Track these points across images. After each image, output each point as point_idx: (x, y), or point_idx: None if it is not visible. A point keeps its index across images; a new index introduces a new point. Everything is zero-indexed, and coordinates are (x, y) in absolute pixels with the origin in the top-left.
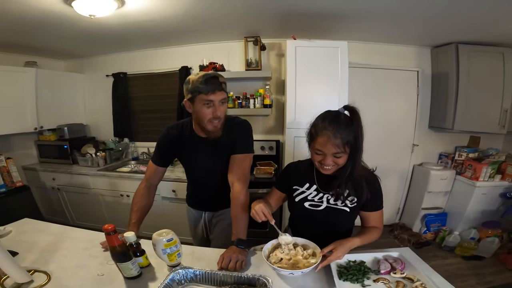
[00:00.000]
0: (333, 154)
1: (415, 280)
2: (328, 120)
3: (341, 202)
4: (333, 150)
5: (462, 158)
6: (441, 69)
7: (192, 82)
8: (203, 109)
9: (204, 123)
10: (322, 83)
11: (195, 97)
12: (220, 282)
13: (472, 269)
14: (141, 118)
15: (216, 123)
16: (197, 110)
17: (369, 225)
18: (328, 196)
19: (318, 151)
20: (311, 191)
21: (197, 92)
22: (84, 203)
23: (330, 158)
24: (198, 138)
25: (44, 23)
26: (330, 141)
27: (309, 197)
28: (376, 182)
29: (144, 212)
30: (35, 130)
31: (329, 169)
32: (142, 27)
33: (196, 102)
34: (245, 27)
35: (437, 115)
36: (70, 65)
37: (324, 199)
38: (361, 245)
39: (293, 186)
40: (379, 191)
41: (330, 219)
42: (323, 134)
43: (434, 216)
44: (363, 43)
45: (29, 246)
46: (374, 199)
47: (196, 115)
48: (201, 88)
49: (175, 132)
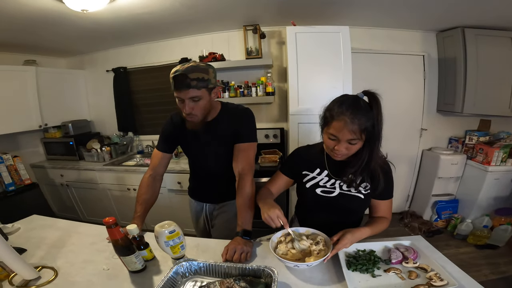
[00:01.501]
0: (348, 141)
1: (429, 270)
2: (345, 104)
3: (354, 189)
4: (348, 136)
5: (472, 142)
6: (448, 54)
7: (170, 77)
8: (178, 103)
9: (183, 116)
10: (325, 69)
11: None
12: (225, 274)
13: (485, 258)
14: (144, 111)
15: (190, 119)
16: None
17: (378, 215)
18: (340, 182)
19: (332, 136)
20: (323, 177)
21: (172, 87)
22: (93, 198)
23: (344, 144)
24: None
25: (38, 21)
26: (347, 126)
27: (320, 183)
28: (389, 170)
29: (150, 204)
30: (39, 127)
31: (342, 156)
32: (139, 20)
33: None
34: (244, 15)
35: (446, 98)
36: (70, 62)
37: (336, 185)
38: (371, 235)
39: (302, 171)
40: (391, 179)
41: (343, 206)
42: (340, 119)
43: (445, 203)
44: (367, 29)
45: (37, 242)
46: (387, 187)
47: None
48: (172, 85)
49: (178, 118)
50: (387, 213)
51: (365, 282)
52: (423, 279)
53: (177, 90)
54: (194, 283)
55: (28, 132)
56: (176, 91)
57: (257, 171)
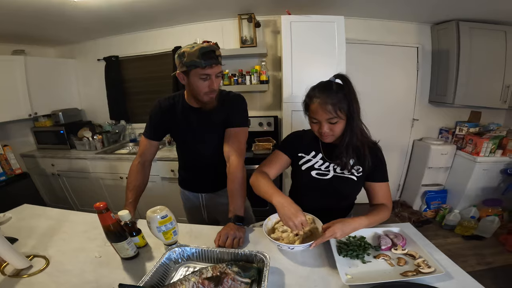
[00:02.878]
0: (328, 120)
1: (417, 257)
2: (318, 88)
3: (347, 171)
4: (325, 116)
5: (462, 133)
6: (442, 46)
7: (187, 55)
8: (199, 83)
9: (201, 95)
10: (319, 58)
11: (190, 70)
12: (217, 260)
13: (472, 249)
14: (136, 100)
15: (212, 95)
16: (192, 83)
17: (376, 201)
18: (334, 165)
19: (313, 119)
20: (317, 160)
21: (193, 66)
22: (85, 188)
23: (326, 125)
24: (190, 109)
25: (28, 10)
26: (321, 107)
27: (315, 166)
28: (378, 152)
29: (141, 191)
30: (29, 116)
31: (328, 137)
32: (130, 9)
33: (192, 75)
34: (239, 4)
35: (438, 90)
36: (60, 51)
37: (330, 168)
38: (369, 226)
39: (298, 153)
40: (383, 161)
41: (336, 188)
42: (314, 101)
43: (434, 193)
44: (362, 19)
45: (28, 231)
46: (379, 168)
47: (191, 87)
48: (198, 62)
49: (167, 103)
50: (386, 198)
51: (355, 267)
52: (411, 266)
53: (208, 66)
54: (187, 269)
55: (18, 121)
56: (206, 67)
57: (250, 158)
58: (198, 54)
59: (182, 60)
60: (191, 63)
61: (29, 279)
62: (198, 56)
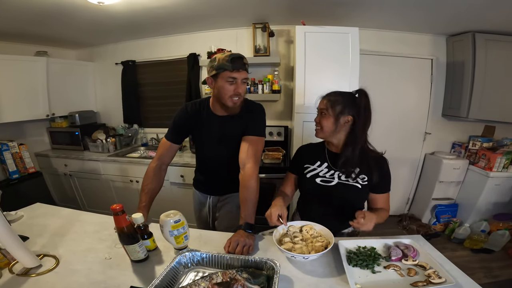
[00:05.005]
0: (321, 110)
1: (428, 268)
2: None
3: (352, 179)
4: (321, 106)
5: (476, 147)
6: (457, 58)
7: (218, 60)
8: (226, 86)
9: (225, 99)
10: (332, 69)
11: (219, 73)
12: (227, 266)
13: (480, 262)
14: (150, 104)
15: (236, 100)
16: (220, 86)
17: (377, 207)
18: (339, 173)
19: (318, 110)
20: (322, 168)
21: (222, 69)
22: (95, 189)
23: (319, 116)
24: (214, 116)
25: (54, 11)
26: (322, 99)
27: (320, 174)
28: (384, 164)
29: (154, 194)
30: (47, 117)
31: (318, 131)
32: (151, 14)
33: (220, 78)
34: (254, 13)
35: (452, 103)
36: (80, 54)
37: (335, 175)
38: (377, 222)
39: (304, 165)
40: (388, 173)
41: (341, 196)
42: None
43: (445, 207)
44: (376, 31)
45: (39, 230)
46: (383, 181)
47: (218, 91)
48: (227, 66)
49: (194, 108)
50: (386, 204)
51: (365, 277)
52: (421, 276)
53: (236, 70)
54: (196, 274)
55: (35, 121)
56: (234, 71)
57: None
58: (228, 59)
59: (213, 64)
60: (220, 66)
61: (37, 278)
62: (228, 61)
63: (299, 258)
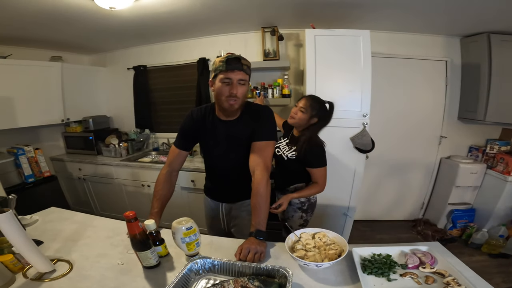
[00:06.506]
0: (301, 108)
1: (447, 275)
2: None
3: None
4: (300, 104)
5: (493, 151)
6: (472, 59)
7: (215, 62)
8: (222, 87)
9: (222, 100)
10: (343, 73)
11: (216, 75)
12: (239, 273)
13: (498, 267)
14: (161, 109)
15: (232, 102)
16: (217, 88)
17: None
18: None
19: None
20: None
21: (218, 70)
22: (108, 193)
23: (297, 111)
24: (219, 121)
25: (67, 16)
26: (305, 100)
27: (280, 146)
28: (317, 147)
29: (166, 200)
30: (62, 122)
31: (292, 117)
32: (161, 19)
33: (217, 80)
34: (262, 17)
35: (468, 106)
36: (93, 59)
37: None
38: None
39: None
40: (316, 153)
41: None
42: (304, 98)
43: (462, 212)
44: (387, 33)
45: (53, 235)
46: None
47: (216, 93)
48: (222, 67)
49: (199, 114)
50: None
51: (380, 285)
52: (440, 284)
53: (230, 71)
54: (208, 281)
55: (50, 126)
56: (228, 71)
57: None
58: (224, 60)
59: (213, 67)
60: (217, 68)
61: (51, 283)
62: (223, 62)
63: (312, 266)
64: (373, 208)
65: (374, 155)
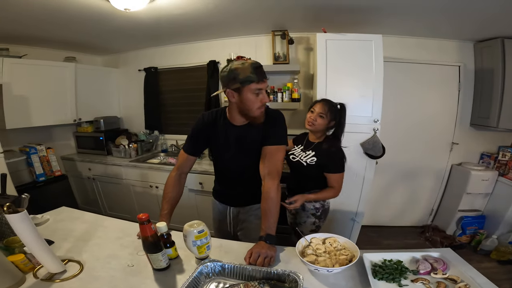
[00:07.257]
0: (320, 113)
1: (459, 281)
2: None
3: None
4: (320, 110)
5: (505, 158)
6: (486, 65)
7: (242, 72)
8: (253, 98)
9: (253, 111)
10: (355, 77)
11: (244, 86)
12: (249, 277)
13: (507, 273)
14: (170, 111)
15: (262, 109)
16: (246, 99)
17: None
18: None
19: (312, 109)
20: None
21: (249, 81)
22: (117, 193)
23: (315, 116)
24: (231, 126)
25: (82, 17)
26: (321, 104)
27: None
28: (337, 152)
29: (175, 202)
30: (74, 122)
31: (312, 124)
32: (175, 21)
33: (245, 91)
34: (273, 21)
35: (481, 112)
36: (106, 60)
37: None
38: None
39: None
40: (336, 158)
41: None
42: (318, 102)
43: (472, 219)
44: (398, 37)
45: (64, 234)
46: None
47: (243, 104)
48: (252, 77)
49: (210, 117)
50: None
51: None
52: None
53: (261, 81)
54: (217, 284)
55: (62, 126)
56: (260, 82)
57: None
58: (251, 69)
59: (236, 77)
60: (246, 78)
61: (61, 284)
62: (252, 72)
63: (322, 271)
64: (381, 213)
65: (384, 161)
